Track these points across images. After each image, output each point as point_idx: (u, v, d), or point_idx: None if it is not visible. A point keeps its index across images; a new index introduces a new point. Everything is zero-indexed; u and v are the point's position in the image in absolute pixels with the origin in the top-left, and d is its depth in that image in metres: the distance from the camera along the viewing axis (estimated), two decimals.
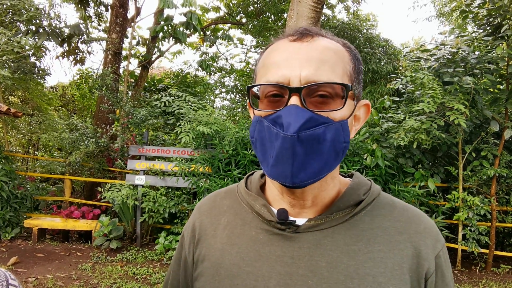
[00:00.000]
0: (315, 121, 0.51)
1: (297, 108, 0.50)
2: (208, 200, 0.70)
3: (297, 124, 0.49)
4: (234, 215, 0.64)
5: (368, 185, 0.62)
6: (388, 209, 0.60)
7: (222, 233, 0.62)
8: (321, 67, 0.52)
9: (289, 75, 0.51)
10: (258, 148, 0.56)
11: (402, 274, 0.54)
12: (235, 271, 0.57)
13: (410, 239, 0.56)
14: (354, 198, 0.58)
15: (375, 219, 0.58)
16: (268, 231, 0.58)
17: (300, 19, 3.56)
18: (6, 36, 5.05)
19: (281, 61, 0.53)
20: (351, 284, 0.52)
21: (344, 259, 0.54)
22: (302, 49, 0.53)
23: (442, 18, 10.94)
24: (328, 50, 0.54)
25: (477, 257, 4.41)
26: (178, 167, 4.33)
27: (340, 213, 0.57)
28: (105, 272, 3.68)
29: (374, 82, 6.85)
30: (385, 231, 0.57)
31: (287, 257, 0.55)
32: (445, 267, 0.58)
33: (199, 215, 0.68)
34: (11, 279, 0.69)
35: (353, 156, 4.28)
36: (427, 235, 0.57)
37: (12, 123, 6.83)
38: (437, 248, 0.57)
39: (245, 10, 8.81)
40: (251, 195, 0.63)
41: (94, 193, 5.54)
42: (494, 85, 4.29)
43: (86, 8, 7.15)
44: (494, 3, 4.13)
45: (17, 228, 4.73)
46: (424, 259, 0.55)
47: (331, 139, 0.51)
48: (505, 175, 4.28)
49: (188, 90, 7.72)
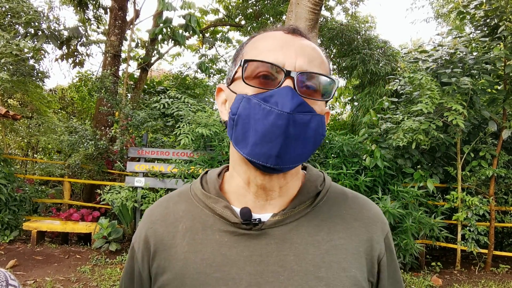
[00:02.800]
0: (305, 107, 0.52)
1: (292, 90, 0.51)
2: (160, 206, 0.64)
3: (293, 104, 0.49)
4: (192, 220, 0.59)
5: (322, 176, 0.64)
6: (342, 198, 0.63)
7: (181, 241, 0.58)
8: (312, 61, 0.54)
9: (284, 61, 0.52)
10: (239, 127, 0.52)
11: (360, 257, 0.57)
12: (202, 279, 0.54)
13: (364, 225, 0.60)
14: (312, 190, 0.60)
15: (332, 208, 0.60)
16: (232, 232, 0.56)
17: (299, 20, 3.58)
18: (5, 39, 5.06)
19: (276, 46, 0.54)
20: (320, 273, 0.54)
21: (310, 250, 0.55)
22: (296, 42, 0.55)
23: (440, 20, 10.99)
24: (316, 49, 0.57)
25: (476, 257, 4.41)
26: (177, 169, 4.33)
27: (302, 205, 0.58)
28: (105, 274, 3.67)
29: (372, 83, 6.87)
30: (342, 219, 0.59)
31: (256, 255, 0.54)
32: (391, 246, 0.63)
33: (151, 224, 0.61)
34: (11, 279, 0.69)
35: (352, 157, 4.29)
36: (377, 219, 0.62)
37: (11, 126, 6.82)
38: (385, 230, 0.62)
39: (243, 12, 8.84)
40: (211, 197, 0.60)
41: (94, 196, 5.53)
42: (491, 86, 4.31)
43: (85, 10, 7.17)
44: (491, 4, 4.16)
45: (16, 231, 4.72)
46: (377, 242, 0.59)
47: (314, 128, 0.53)
48: (504, 175, 4.29)
49: (187, 92, 7.73)
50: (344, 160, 4.20)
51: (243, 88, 0.54)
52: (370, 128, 4.54)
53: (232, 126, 0.54)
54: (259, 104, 0.50)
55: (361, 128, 4.58)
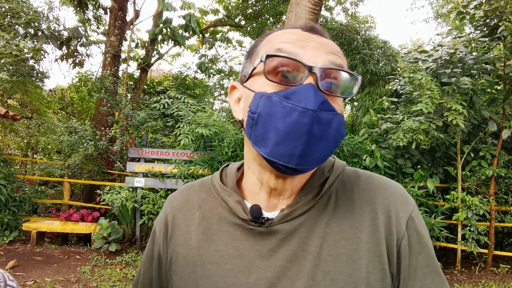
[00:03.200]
0: (327, 106, 0.49)
1: (315, 88, 0.48)
2: (181, 193, 0.66)
3: (317, 102, 0.47)
4: (209, 210, 0.60)
5: (332, 161, 0.60)
6: (354, 181, 0.58)
7: (197, 229, 0.59)
8: (333, 59, 0.52)
9: (305, 57, 0.50)
10: (259, 125, 0.50)
11: (376, 245, 0.52)
12: (213, 269, 0.55)
13: (379, 207, 0.55)
14: (319, 177, 0.57)
15: (342, 195, 0.57)
16: (244, 226, 0.57)
17: (299, 21, 3.58)
18: (5, 39, 5.06)
19: (296, 42, 0.52)
20: (326, 267, 0.52)
21: (318, 243, 0.53)
22: (315, 38, 0.53)
23: (439, 20, 11.01)
24: (336, 47, 0.55)
25: (477, 257, 4.41)
26: (177, 169, 4.33)
27: (308, 196, 0.56)
28: (104, 275, 3.67)
29: (372, 83, 6.87)
30: (353, 205, 0.56)
31: (265, 250, 0.54)
32: (421, 229, 0.55)
33: (171, 209, 0.64)
34: (9, 280, 0.68)
35: (352, 157, 4.29)
36: (395, 199, 0.55)
37: (10, 126, 6.82)
38: (408, 210, 0.55)
39: (243, 12, 8.84)
40: (226, 190, 0.60)
41: (93, 196, 5.53)
42: (491, 86, 4.31)
43: (85, 11, 7.17)
44: (490, 5, 4.16)
45: (15, 231, 4.71)
46: (394, 224, 0.53)
47: (336, 127, 0.50)
48: (504, 175, 4.29)
49: (187, 92, 7.74)
50: (344, 160, 4.19)
51: (261, 85, 0.52)
52: (370, 128, 4.54)
53: (251, 125, 0.51)
54: (280, 102, 0.48)
55: (361, 128, 4.58)
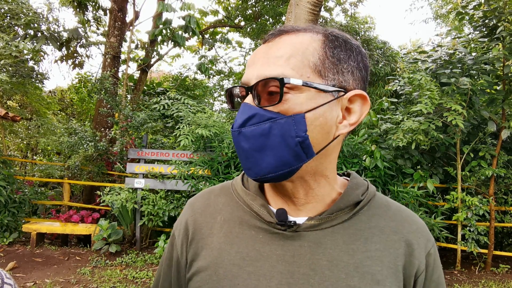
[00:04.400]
0: (261, 117, 0.52)
1: (245, 106, 0.53)
2: (202, 197, 0.67)
3: (240, 120, 0.53)
4: (230, 213, 0.62)
5: (366, 185, 0.63)
6: (384, 209, 0.61)
7: (219, 232, 0.61)
8: (275, 62, 0.52)
9: (249, 76, 0.55)
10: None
11: (397, 271, 0.56)
12: (235, 271, 0.56)
13: (404, 238, 0.58)
14: (353, 198, 0.59)
15: (371, 219, 0.59)
16: (267, 230, 0.58)
17: (298, 21, 3.58)
18: (4, 40, 5.06)
19: (250, 63, 0.57)
20: (352, 282, 0.53)
21: (344, 258, 0.55)
22: (263, 49, 0.56)
23: (439, 20, 11.03)
24: (289, 44, 0.53)
25: (477, 257, 4.41)
26: (177, 170, 4.33)
27: (340, 212, 0.58)
28: (105, 276, 3.67)
29: (372, 84, 6.88)
30: (381, 231, 0.58)
31: (288, 256, 0.55)
32: (436, 265, 0.59)
33: (192, 213, 0.65)
34: (7, 278, 0.69)
35: (352, 158, 4.29)
36: (420, 235, 0.59)
37: (10, 128, 6.82)
38: (428, 247, 0.59)
39: (243, 13, 8.85)
40: (249, 194, 0.62)
41: (93, 197, 5.53)
42: (490, 86, 4.32)
43: (85, 12, 7.17)
44: (489, 5, 4.17)
45: (15, 233, 4.71)
46: (416, 257, 0.57)
47: (280, 134, 0.51)
48: (503, 175, 4.29)
49: (187, 93, 7.75)
50: (344, 160, 4.20)
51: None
52: (370, 129, 4.55)
53: None
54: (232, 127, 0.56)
55: (361, 128, 4.59)
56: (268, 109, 0.52)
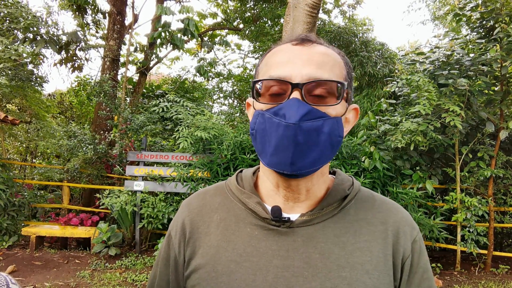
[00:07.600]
0: (314, 114, 0.54)
1: (298, 101, 0.54)
2: (197, 198, 0.70)
3: (298, 114, 0.53)
4: (226, 212, 0.64)
5: (351, 181, 0.67)
6: (370, 202, 0.65)
7: (216, 230, 0.63)
8: (321, 68, 0.56)
9: (291, 73, 0.55)
10: (258, 140, 0.58)
11: (386, 260, 0.59)
12: (233, 267, 0.58)
13: (390, 228, 0.61)
14: (340, 193, 0.62)
15: (359, 211, 0.62)
16: (262, 227, 0.60)
17: (296, 24, 3.60)
18: (4, 44, 5.07)
19: (284, 60, 0.57)
20: (343, 272, 0.56)
21: (335, 250, 0.58)
22: (304, 51, 0.58)
23: (436, 22, 11.07)
24: (326, 54, 0.59)
25: (476, 258, 4.41)
26: (176, 172, 4.33)
27: (329, 207, 0.61)
28: (104, 279, 3.66)
29: (370, 85, 6.89)
30: (368, 222, 0.61)
31: (283, 250, 0.58)
32: (422, 251, 0.62)
33: (188, 213, 0.67)
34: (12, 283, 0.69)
35: (351, 159, 4.30)
36: (405, 223, 0.63)
37: (9, 131, 6.81)
38: (413, 235, 0.62)
39: (242, 16, 8.88)
40: (245, 192, 0.64)
41: (93, 200, 5.52)
42: (488, 87, 4.33)
43: (84, 15, 7.19)
44: (486, 7, 4.20)
45: (14, 236, 4.70)
46: (401, 244, 0.60)
47: (328, 132, 0.55)
48: (502, 175, 4.30)
49: (186, 95, 7.75)
50: (343, 162, 4.21)
51: (260, 104, 0.59)
52: (369, 130, 4.56)
53: (253, 140, 0.60)
54: (270, 118, 0.55)
55: (360, 130, 4.60)
56: (317, 108, 0.55)
